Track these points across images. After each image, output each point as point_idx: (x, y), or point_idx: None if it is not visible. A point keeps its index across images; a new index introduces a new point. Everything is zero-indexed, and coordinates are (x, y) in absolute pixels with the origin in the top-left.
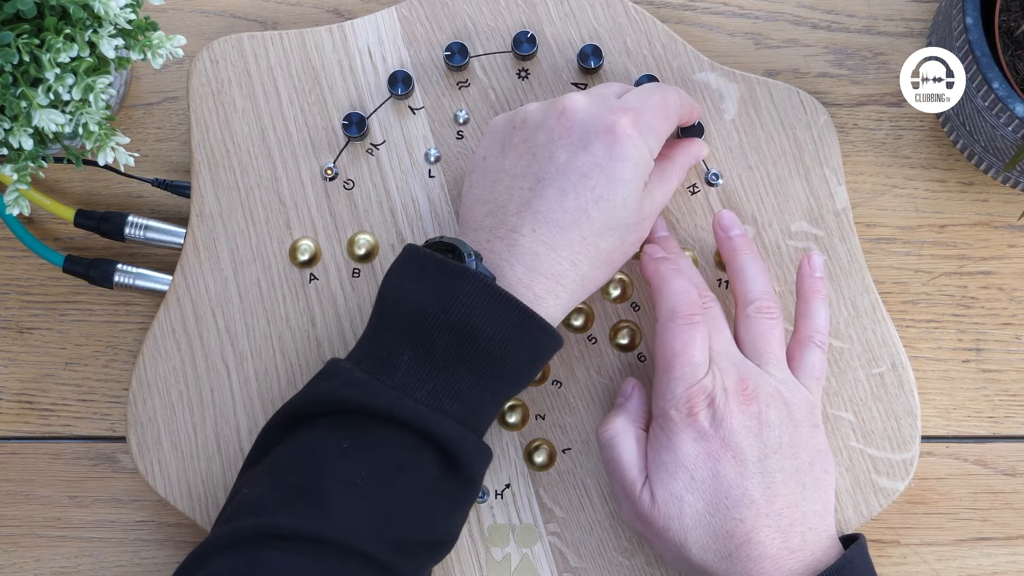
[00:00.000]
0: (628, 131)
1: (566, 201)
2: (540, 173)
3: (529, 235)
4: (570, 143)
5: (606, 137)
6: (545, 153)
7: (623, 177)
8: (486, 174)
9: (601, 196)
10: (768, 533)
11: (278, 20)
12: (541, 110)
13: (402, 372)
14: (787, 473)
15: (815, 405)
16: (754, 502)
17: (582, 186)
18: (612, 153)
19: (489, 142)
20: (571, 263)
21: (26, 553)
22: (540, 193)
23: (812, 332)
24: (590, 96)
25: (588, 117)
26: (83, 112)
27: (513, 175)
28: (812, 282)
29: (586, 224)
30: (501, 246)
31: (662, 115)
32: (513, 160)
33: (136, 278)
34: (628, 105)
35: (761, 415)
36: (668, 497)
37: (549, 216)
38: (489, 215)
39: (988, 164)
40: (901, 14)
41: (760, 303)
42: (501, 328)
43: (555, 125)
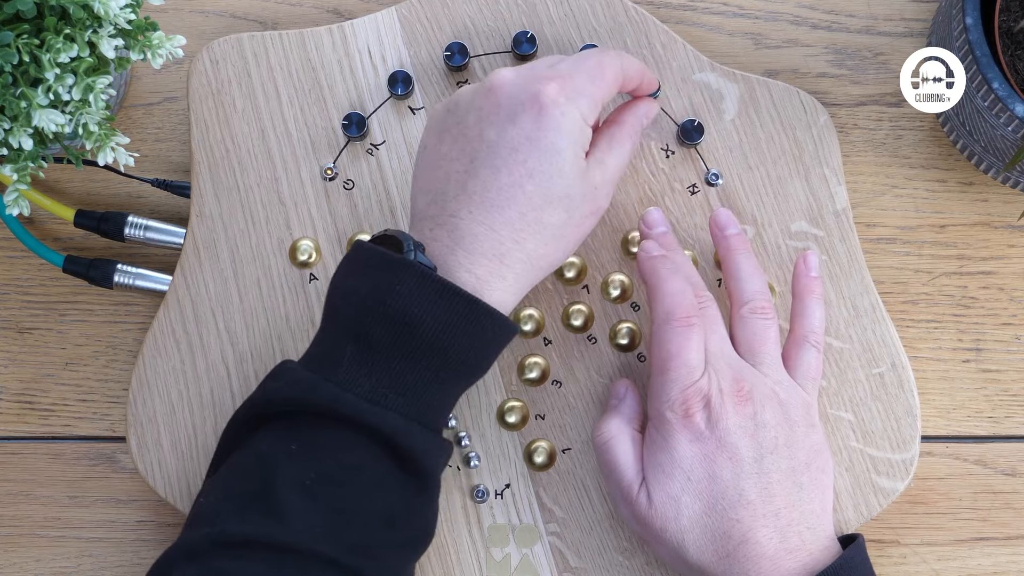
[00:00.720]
0: (555, 98)
1: (499, 178)
2: (472, 153)
3: (467, 217)
4: (498, 119)
5: (532, 107)
6: (475, 132)
7: (554, 146)
8: (426, 163)
9: (534, 169)
10: (766, 533)
11: (278, 20)
12: (472, 90)
13: (344, 368)
14: (784, 473)
15: (811, 405)
16: (751, 502)
17: (513, 160)
18: (540, 123)
19: (427, 130)
20: (513, 241)
21: (26, 553)
22: (474, 174)
23: (808, 332)
24: (518, 70)
25: (513, 89)
26: (83, 112)
27: (449, 159)
28: (807, 281)
29: (523, 199)
30: (442, 233)
31: (594, 77)
32: (448, 145)
33: (136, 278)
34: (556, 72)
35: (757, 416)
36: (665, 498)
37: (484, 195)
38: (431, 204)
39: (988, 164)
40: (901, 14)
41: (755, 303)
42: (442, 317)
43: (483, 103)
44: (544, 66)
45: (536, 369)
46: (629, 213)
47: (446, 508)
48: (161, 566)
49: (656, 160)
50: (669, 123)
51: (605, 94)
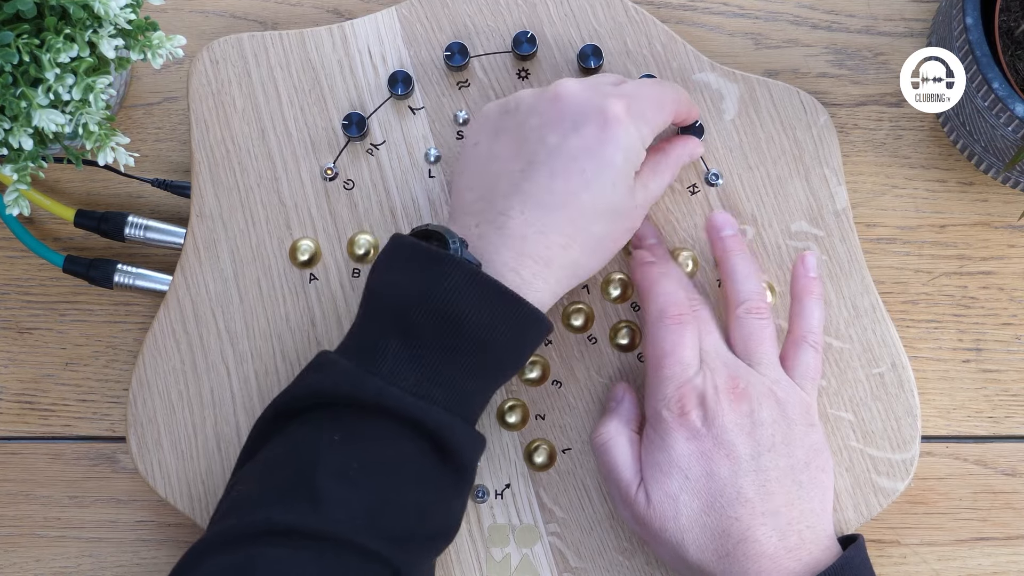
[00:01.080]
0: (620, 116)
1: (555, 183)
2: (531, 156)
3: (518, 217)
4: (561, 126)
5: (597, 120)
6: (536, 136)
7: (613, 161)
8: (476, 159)
9: (591, 179)
10: (765, 532)
11: (278, 20)
12: (534, 95)
13: (389, 362)
14: (782, 471)
15: (810, 405)
16: (749, 500)
17: (572, 168)
18: (603, 137)
19: (480, 128)
20: (561, 247)
21: (26, 553)
22: (530, 176)
23: (806, 332)
24: (584, 82)
25: (580, 101)
26: (83, 112)
27: (504, 159)
28: (806, 282)
29: (575, 207)
30: (489, 230)
31: (656, 105)
32: (504, 144)
33: (136, 278)
34: (622, 92)
35: (753, 413)
36: (663, 497)
37: (539, 198)
38: (478, 200)
39: (988, 164)
40: (901, 14)
41: (751, 303)
42: (486, 314)
43: (547, 108)
44: (608, 82)
45: (536, 369)
46: None
47: None
48: (190, 559)
49: None
50: None
51: (663, 122)
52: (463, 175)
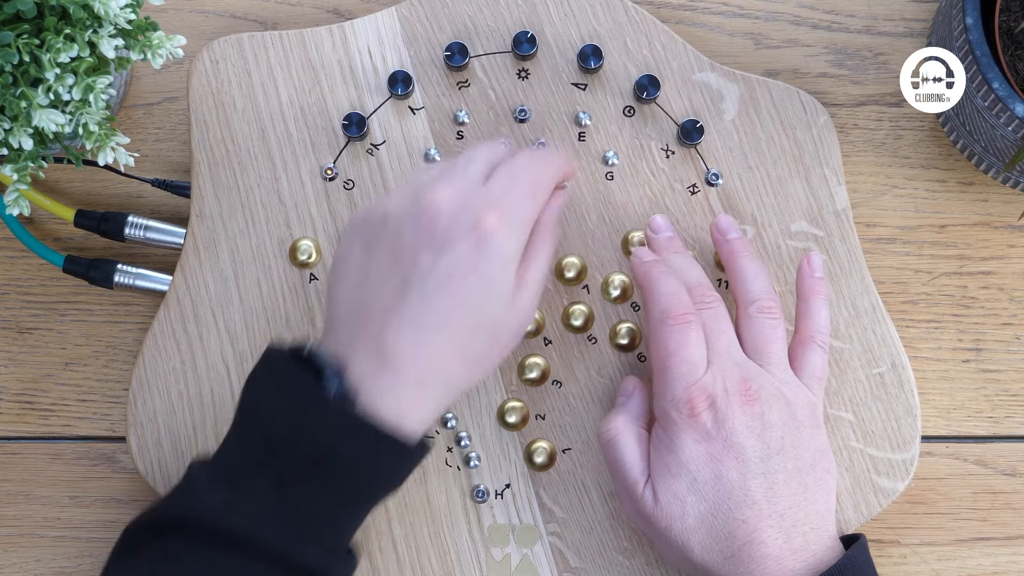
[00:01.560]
0: (493, 229)
1: (432, 304)
2: (405, 275)
3: (393, 339)
4: (434, 243)
5: (471, 236)
6: (410, 255)
7: (489, 276)
8: (350, 273)
9: (467, 297)
10: (771, 534)
11: (278, 20)
12: (403, 207)
13: (259, 498)
14: (789, 473)
15: (817, 405)
16: (756, 503)
17: (447, 287)
18: (477, 253)
19: (353, 239)
20: (439, 366)
21: (26, 553)
22: (405, 296)
23: (814, 332)
24: (453, 187)
25: (452, 215)
26: (83, 112)
27: (379, 275)
28: (812, 282)
29: (451, 328)
30: (366, 351)
31: (531, 200)
32: (379, 260)
33: (136, 278)
34: (493, 197)
35: (764, 416)
36: (671, 498)
37: (414, 320)
38: (354, 315)
39: (988, 164)
40: (901, 14)
41: (762, 303)
42: (362, 451)
43: (418, 225)
44: (476, 179)
45: (536, 369)
46: (629, 213)
47: (446, 508)
48: None
49: (656, 160)
50: (669, 123)
51: (539, 212)
52: (337, 286)
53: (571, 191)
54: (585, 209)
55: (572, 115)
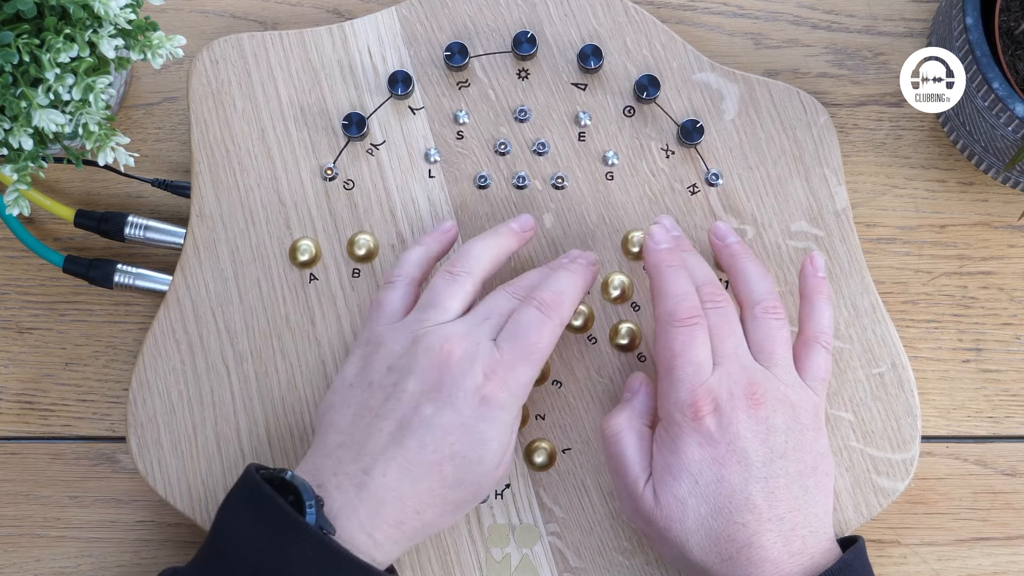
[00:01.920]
0: (497, 394)
1: (424, 454)
2: (403, 421)
3: (379, 479)
4: (438, 397)
5: (475, 396)
6: (412, 402)
7: (486, 438)
8: (348, 403)
9: (459, 453)
10: (770, 537)
11: (278, 20)
12: (411, 352)
13: None
14: (791, 477)
15: (819, 407)
16: (757, 507)
17: (443, 442)
18: (478, 414)
19: (358, 374)
20: (415, 511)
21: (26, 553)
22: (400, 441)
23: (817, 333)
24: (465, 340)
25: (459, 372)
26: (83, 112)
27: (376, 414)
28: (815, 282)
29: (438, 478)
30: (348, 484)
31: (534, 361)
32: (380, 400)
33: (136, 278)
34: (502, 358)
35: (768, 420)
36: (671, 500)
37: (404, 465)
38: (343, 446)
39: (988, 164)
40: (901, 14)
41: (767, 303)
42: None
43: (426, 374)
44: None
45: None
46: (629, 213)
47: None
48: None
49: (656, 160)
50: (669, 123)
51: (544, 362)
52: (331, 412)
53: (570, 190)
54: (585, 209)
55: (572, 115)
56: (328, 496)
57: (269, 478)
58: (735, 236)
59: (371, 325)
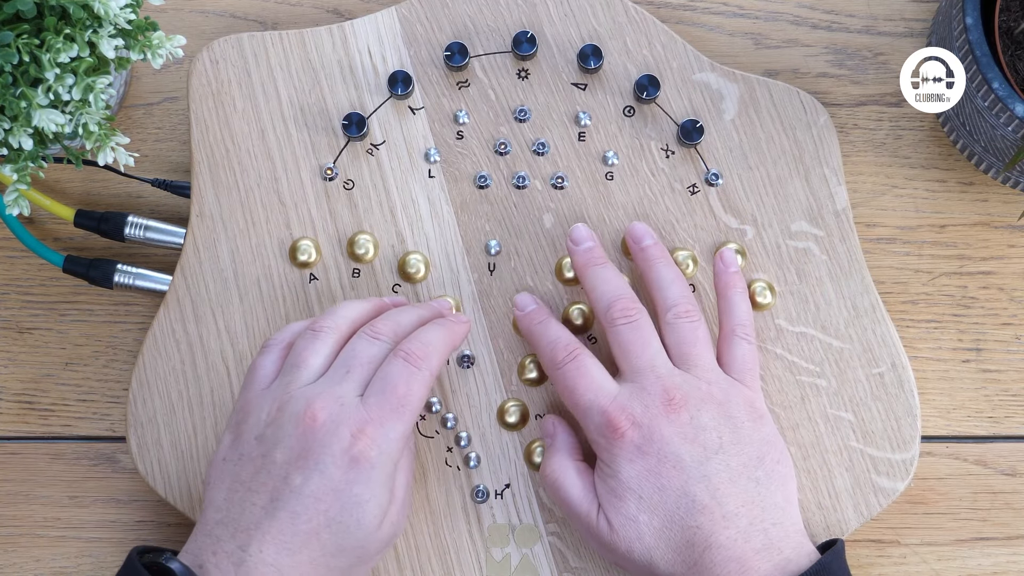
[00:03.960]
0: (366, 453)
1: (297, 524)
2: (275, 492)
3: (256, 555)
4: (305, 464)
5: (343, 459)
6: (281, 473)
7: (360, 500)
8: (223, 478)
9: (334, 520)
10: (728, 535)
11: (278, 20)
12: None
13: None
14: (734, 472)
15: (753, 398)
16: (706, 507)
17: (315, 510)
18: (349, 477)
19: (230, 442)
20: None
21: (26, 553)
22: (273, 514)
23: (735, 326)
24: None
25: (324, 435)
26: (83, 112)
27: (248, 488)
28: (728, 277)
29: (316, 546)
30: (227, 563)
31: (405, 411)
32: (250, 474)
33: (136, 278)
34: (369, 414)
35: (694, 420)
36: (624, 521)
37: (279, 538)
38: (220, 524)
39: (988, 164)
40: (901, 14)
41: (679, 308)
42: None
43: (293, 442)
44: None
45: (536, 369)
46: (629, 213)
47: (446, 508)
48: None
49: (656, 160)
50: (669, 123)
51: (416, 416)
52: (209, 489)
53: (569, 190)
54: (585, 209)
55: (572, 115)
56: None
57: (149, 564)
58: (652, 238)
59: (243, 393)
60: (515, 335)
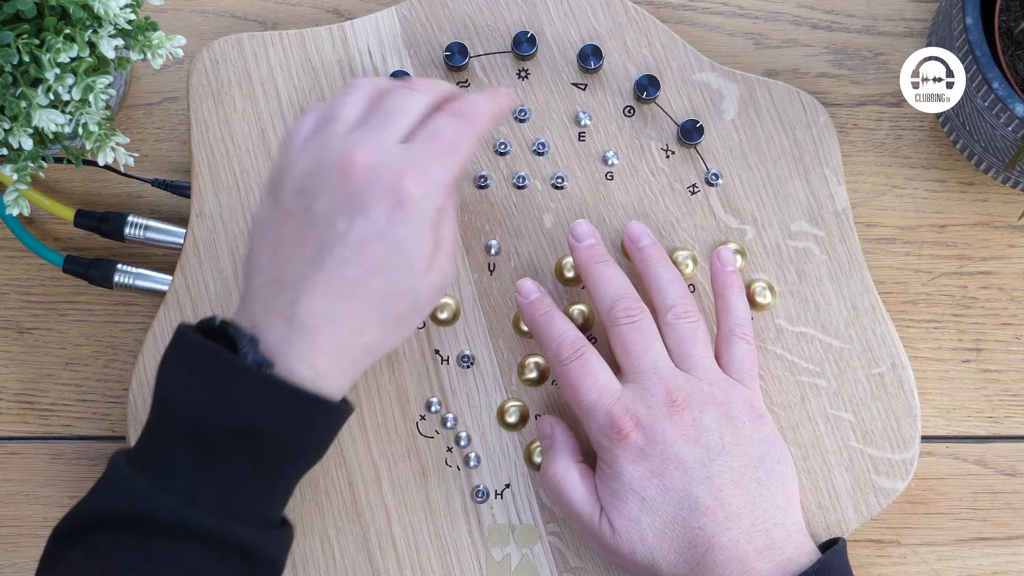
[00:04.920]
0: (411, 192)
1: (345, 270)
2: (320, 242)
3: (307, 307)
4: (350, 208)
5: (387, 201)
6: (325, 221)
7: (405, 242)
8: (266, 240)
9: (382, 263)
10: (730, 536)
11: (278, 20)
12: (315, 172)
13: (184, 479)
14: (737, 472)
15: (752, 398)
16: (708, 508)
17: (361, 254)
18: (393, 219)
19: (270, 204)
20: (353, 332)
21: (26, 553)
22: (319, 264)
23: (733, 326)
24: (369, 146)
25: (367, 179)
26: (83, 112)
27: (293, 243)
28: (725, 277)
29: (366, 293)
30: (279, 320)
31: (451, 159)
32: (293, 228)
33: (136, 278)
34: (413, 157)
35: (696, 422)
36: (626, 523)
37: (328, 287)
38: (267, 285)
39: (988, 164)
40: (901, 14)
41: (678, 308)
42: (283, 420)
43: (335, 189)
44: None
45: (536, 369)
46: (629, 213)
47: (446, 508)
48: None
49: (656, 160)
50: (669, 123)
51: (459, 170)
52: (253, 255)
53: (569, 190)
54: (585, 209)
55: (572, 115)
56: (262, 336)
57: (200, 329)
58: (649, 238)
59: (279, 155)
60: (515, 335)
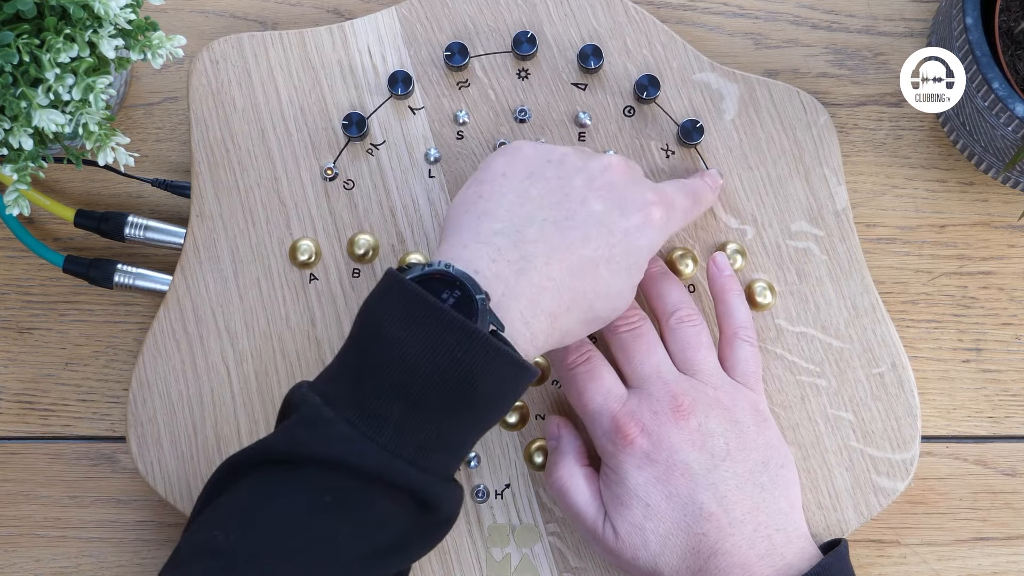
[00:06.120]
0: (657, 220)
1: (586, 249)
2: (570, 213)
3: (541, 268)
4: (609, 199)
5: (640, 212)
6: (580, 196)
7: (638, 253)
8: (504, 193)
9: (615, 257)
10: (734, 542)
11: (278, 20)
12: (581, 156)
13: (391, 429)
14: (741, 478)
15: (758, 402)
16: (713, 514)
17: (606, 241)
18: (640, 231)
19: (511, 162)
20: (567, 309)
21: (26, 553)
22: (565, 231)
23: (736, 328)
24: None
25: (630, 185)
26: (83, 112)
27: (539, 205)
28: (723, 281)
29: (592, 280)
30: (508, 271)
31: (684, 216)
32: (540, 190)
33: (136, 278)
34: (664, 195)
35: (702, 427)
36: (629, 528)
37: (566, 256)
38: (500, 234)
39: (988, 164)
40: (901, 14)
41: (680, 313)
42: (500, 382)
43: (596, 176)
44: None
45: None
46: None
47: None
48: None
49: (656, 160)
50: (669, 123)
51: (689, 221)
52: (483, 200)
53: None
54: None
55: (572, 115)
56: (487, 284)
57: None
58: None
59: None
60: None
